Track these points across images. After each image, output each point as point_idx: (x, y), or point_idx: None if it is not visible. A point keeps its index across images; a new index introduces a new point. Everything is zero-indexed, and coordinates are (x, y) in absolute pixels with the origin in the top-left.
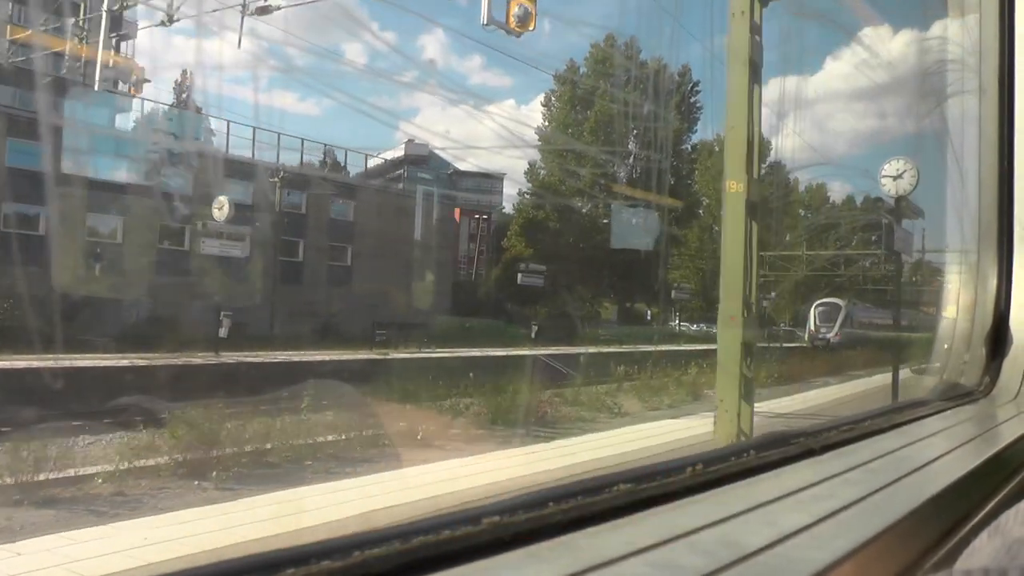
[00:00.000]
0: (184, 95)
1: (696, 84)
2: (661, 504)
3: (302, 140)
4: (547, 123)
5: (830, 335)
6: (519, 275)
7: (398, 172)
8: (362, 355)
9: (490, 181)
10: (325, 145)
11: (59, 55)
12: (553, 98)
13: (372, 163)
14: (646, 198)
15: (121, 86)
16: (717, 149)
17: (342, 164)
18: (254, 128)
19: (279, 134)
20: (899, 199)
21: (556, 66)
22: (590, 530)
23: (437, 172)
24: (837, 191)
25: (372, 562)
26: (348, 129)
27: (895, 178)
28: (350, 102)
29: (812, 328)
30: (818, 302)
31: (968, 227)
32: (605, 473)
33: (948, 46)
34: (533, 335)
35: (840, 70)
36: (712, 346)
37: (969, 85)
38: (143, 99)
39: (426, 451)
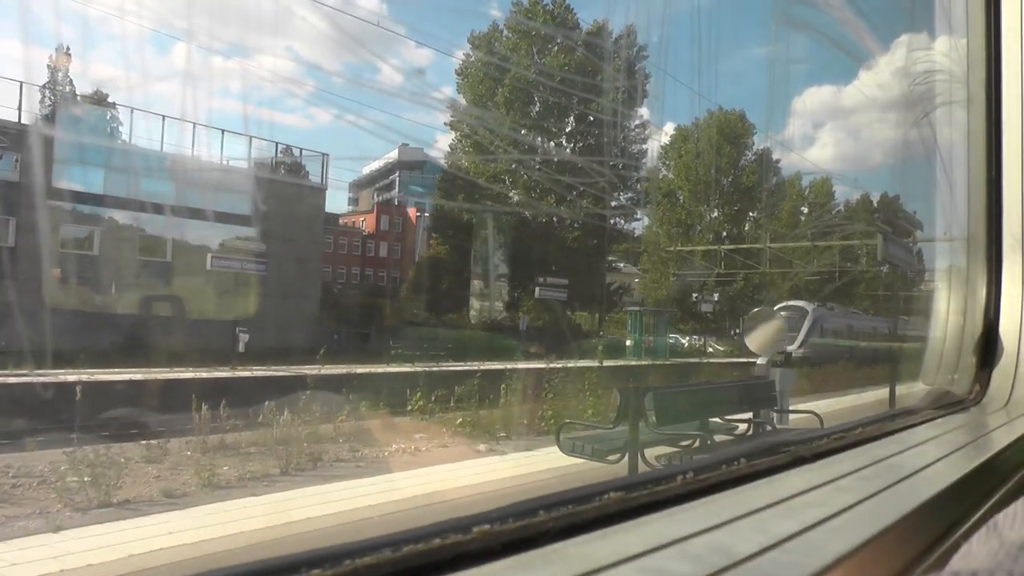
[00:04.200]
0: (60, 74)
1: (643, 48)
2: (652, 512)
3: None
4: (460, 95)
5: (791, 347)
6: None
7: (391, 177)
8: None
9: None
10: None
11: None
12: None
13: (368, 168)
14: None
15: None
16: (697, 136)
17: (301, 163)
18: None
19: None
20: None
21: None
22: (581, 538)
23: (430, 176)
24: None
25: (362, 571)
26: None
27: None
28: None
29: None
30: (778, 306)
31: (957, 236)
32: (595, 482)
33: (935, 56)
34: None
35: (828, 80)
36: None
37: (957, 95)
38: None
39: None
